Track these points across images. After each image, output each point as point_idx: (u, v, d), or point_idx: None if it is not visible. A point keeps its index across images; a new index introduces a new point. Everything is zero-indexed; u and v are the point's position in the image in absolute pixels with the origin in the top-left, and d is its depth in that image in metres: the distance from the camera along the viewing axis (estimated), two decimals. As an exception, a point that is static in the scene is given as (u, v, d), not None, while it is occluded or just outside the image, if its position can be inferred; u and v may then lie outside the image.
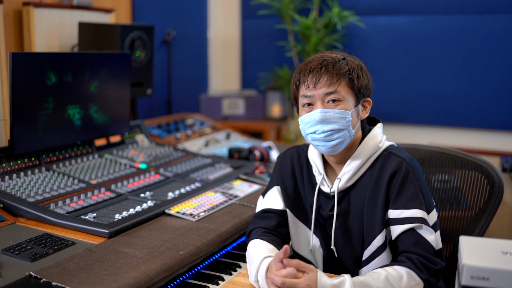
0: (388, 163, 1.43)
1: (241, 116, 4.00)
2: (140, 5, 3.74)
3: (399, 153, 1.44)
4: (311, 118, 1.40)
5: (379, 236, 1.41)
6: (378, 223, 1.41)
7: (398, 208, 1.38)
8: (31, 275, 1.31)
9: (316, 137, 1.41)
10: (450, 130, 3.63)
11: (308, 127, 1.41)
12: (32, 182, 1.90)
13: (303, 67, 1.45)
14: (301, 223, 1.58)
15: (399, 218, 1.38)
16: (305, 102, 1.43)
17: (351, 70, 1.41)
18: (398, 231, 1.38)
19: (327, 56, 1.44)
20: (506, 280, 0.99)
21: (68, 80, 2.12)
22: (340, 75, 1.39)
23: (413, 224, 1.35)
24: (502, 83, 3.38)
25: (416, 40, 3.60)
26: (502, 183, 1.62)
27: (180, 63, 4.04)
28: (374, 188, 1.42)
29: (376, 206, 1.41)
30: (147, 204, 1.83)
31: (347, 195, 1.47)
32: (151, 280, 1.36)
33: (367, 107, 1.48)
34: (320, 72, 1.40)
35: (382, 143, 1.47)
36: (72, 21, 2.76)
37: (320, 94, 1.39)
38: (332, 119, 1.38)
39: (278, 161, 1.64)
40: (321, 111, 1.38)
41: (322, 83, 1.39)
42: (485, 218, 1.61)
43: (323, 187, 1.50)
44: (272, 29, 4.00)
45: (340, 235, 1.49)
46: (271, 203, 1.58)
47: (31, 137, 2.00)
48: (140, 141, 2.60)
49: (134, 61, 2.82)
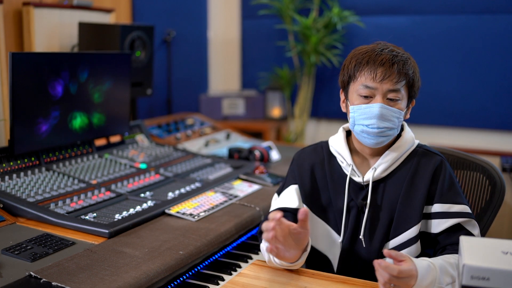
0: (427, 159, 1.46)
1: (241, 116, 4.00)
2: (140, 5, 3.74)
3: (435, 151, 1.49)
4: (369, 111, 1.38)
5: (414, 227, 1.42)
6: (415, 216, 1.42)
7: (447, 202, 1.41)
8: (31, 275, 1.31)
9: (368, 131, 1.40)
10: (450, 130, 3.63)
11: (362, 118, 1.40)
12: (32, 182, 1.90)
13: (372, 56, 1.41)
14: (318, 218, 1.55)
15: (448, 212, 1.40)
16: (364, 92, 1.40)
17: (414, 72, 1.43)
18: (446, 225, 1.39)
19: (396, 51, 1.43)
20: (507, 280, 0.99)
21: (68, 81, 2.12)
22: (407, 75, 1.40)
23: (463, 219, 1.38)
24: (502, 83, 3.38)
25: (416, 40, 3.60)
26: (503, 183, 1.62)
27: (180, 63, 4.04)
28: (413, 181, 1.44)
29: (415, 198, 1.43)
30: (147, 204, 1.83)
31: (380, 186, 1.48)
32: (151, 280, 1.36)
33: (410, 107, 1.50)
34: (391, 67, 1.38)
35: (414, 139, 1.51)
36: (72, 21, 2.76)
37: (384, 89, 1.38)
38: (389, 117, 1.38)
39: (295, 159, 1.62)
40: (381, 107, 1.37)
41: (390, 79, 1.38)
42: (486, 218, 1.61)
43: (354, 177, 1.49)
44: (272, 29, 4.00)
45: (368, 225, 1.49)
46: (287, 202, 1.55)
47: (31, 137, 2.00)
48: (140, 141, 2.60)
49: (134, 61, 2.82)
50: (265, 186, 2.17)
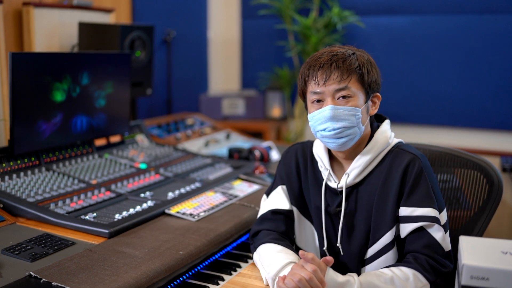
0: (399, 159, 1.40)
1: (241, 116, 4.00)
2: (140, 5, 3.74)
3: (410, 149, 1.43)
4: (321, 115, 1.37)
5: (388, 233, 1.38)
6: (388, 220, 1.38)
7: (411, 206, 1.36)
8: (31, 275, 1.31)
9: (326, 134, 1.38)
10: (450, 130, 3.63)
11: (318, 124, 1.39)
12: (32, 182, 1.90)
13: (312, 62, 1.41)
14: (306, 220, 1.55)
15: (411, 216, 1.35)
16: (314, 98, 1.40)
17: (361, 66, 1.38)
18: (409, 229, 1.35)
19: (336, 51, 1.41)
20: (506, 280, 0.99)
21: (68, 81, 2.12)
22: (350, 70, 1.37)
23: (425, 223, 1.33)
24: (502, 83, 3.38)
25: (416, 40, 3.60)
26: (501, 182, 1.61)
27: (180, 63, 4.04)
28: (385, 184, 1.40)
29: (387, 202, 1.39)
30: (147, 204, 1.83)
31: (355, 191, 1.45)
32: (151, 280, 1.36)
33: (377, 102, 1.46)
34: (330, 68, 1.36)
35: (391, 140, 1.46)
36: (72, 21, 2.76)
37: (331, 91, 1.36)
38: (343, 116, 1.36)
39: (282, 158, 1.61)
40: (332, 108, 1.35)
41: (332, 80, 1.36)
42: (484, 217, 1.61)
43: (330, 183, 1.47)
44: (272, 29, 4.00)
45: (345, 232, 1.46)
46: (278, 203, 1.55)
47: (31, 137, 2.00)
48: (140, 141, 2.60)
49: (134, 61, 2.82)
50: (265, 186, 2.17)
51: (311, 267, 1.23)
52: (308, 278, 1.21)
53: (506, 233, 3.17)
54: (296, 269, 1.26)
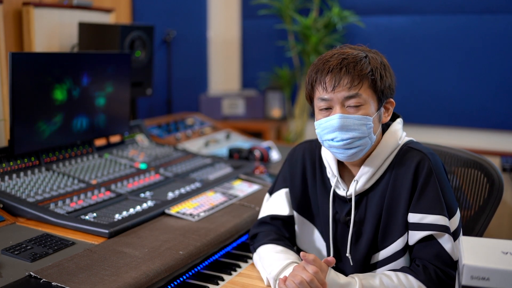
0: (408, 160, 1.31)
1: (241, 116, 4.00)
2: (140, 5, 3.74)
3: (419, 147, 1.34)
4: (329, 124, 1.27)
5: (399, 240, 1.31)
6: (399, 226, 1.31)
7: (420, 212, 1.28)
8: (31, 275, 1.31)
9: (334, 145, 1.28)
10: (450, 130, 3.63)
11: (325, 133, 1.28)
12: (32, 182, 1.90)
13: (320, 65, 1.29)
14: (308, 222, 1.50)
15: (421, 223, 1.28)
16: (322, 105, 1.29)
17: (373, 70, 1.27)
18: (418, 237, 1.28)
19: (347, 53, 1.28)
20: (506, 280, 0.99)
21: (68, 81, 2.12)
22: (362, 76, 1.25)
23: (435, 232, 1.26)
24: (502, 83, 3.38)
25: (416, 40, 3.60)
26: (501, 181, 1.60)
27: (180, 63, 4.04)
28: (395, 188, 1.31)
29: (398, 208, 1.31)
30: (147, 204, 1.83)
31: (365, 198, 1.36)
32: (151, 280, 1.36)
33: (390, 108, 1.36)
34: (340, 73, 1.25)
35: (401, 140, 1.36)
36: (72, 21, 2.76)
37: (340, 98, 1.25)
38: (352, 126, 1.25)
39: (288, 157, 1.53)
40: (340, 117, 1.25)
41: (342, 86, 1.25)
42: (484, 217, 1.60)
43: (338, 190, 1.39)
44: (272, 29, 4.00)
45: (353, 240, 1.39)
46: (278, 209, 1.50)
47: (31, 137, 2.00)
48: (140, 141, 2.60)
49: (134, 61, 2.82)
50: (265, 186, 2.17)
51: (312, 268, 1.22)
52: (309, 279, 1.20)
53: (506, 233, 3.17)
54: (297, 270, 1.24)
